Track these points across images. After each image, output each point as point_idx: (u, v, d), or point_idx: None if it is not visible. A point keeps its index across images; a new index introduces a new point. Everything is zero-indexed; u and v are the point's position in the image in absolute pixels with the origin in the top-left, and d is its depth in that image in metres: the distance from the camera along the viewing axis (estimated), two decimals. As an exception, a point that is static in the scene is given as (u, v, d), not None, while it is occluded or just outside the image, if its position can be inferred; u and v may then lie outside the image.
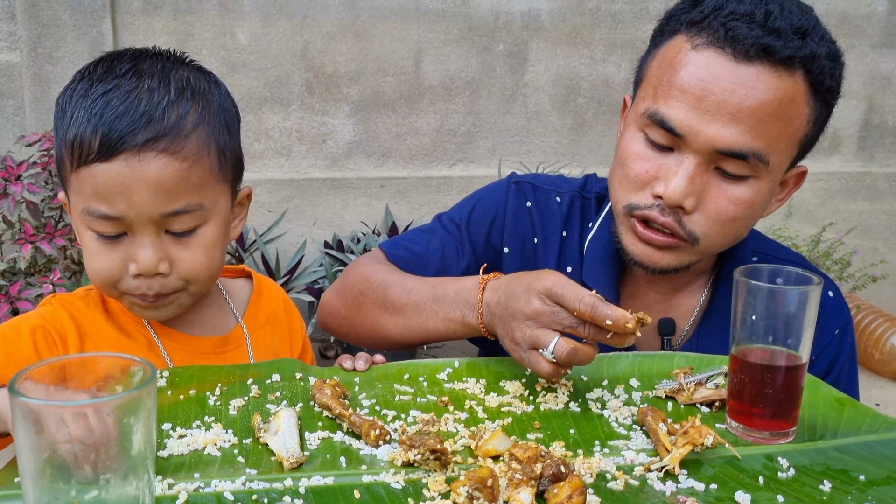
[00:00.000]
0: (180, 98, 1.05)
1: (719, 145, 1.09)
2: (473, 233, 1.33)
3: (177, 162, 1.02)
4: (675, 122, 1.10)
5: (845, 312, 1.32)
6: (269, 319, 1.27)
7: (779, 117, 1.09)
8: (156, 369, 0.66)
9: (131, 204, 1.01)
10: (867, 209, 3.91)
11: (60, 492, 0.64)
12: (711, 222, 1.13)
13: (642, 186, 1.15)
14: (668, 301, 1.29)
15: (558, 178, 1.39)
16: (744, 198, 1.12)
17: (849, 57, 4.08)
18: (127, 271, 1.05)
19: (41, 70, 3.19)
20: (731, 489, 0.85)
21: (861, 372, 3.58)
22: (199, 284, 1.11)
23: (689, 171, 1.10)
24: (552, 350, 0.98)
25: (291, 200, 3.46)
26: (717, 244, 1.17)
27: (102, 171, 1.00)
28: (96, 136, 1.00)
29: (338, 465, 0.87)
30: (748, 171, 1.11)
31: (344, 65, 3.40)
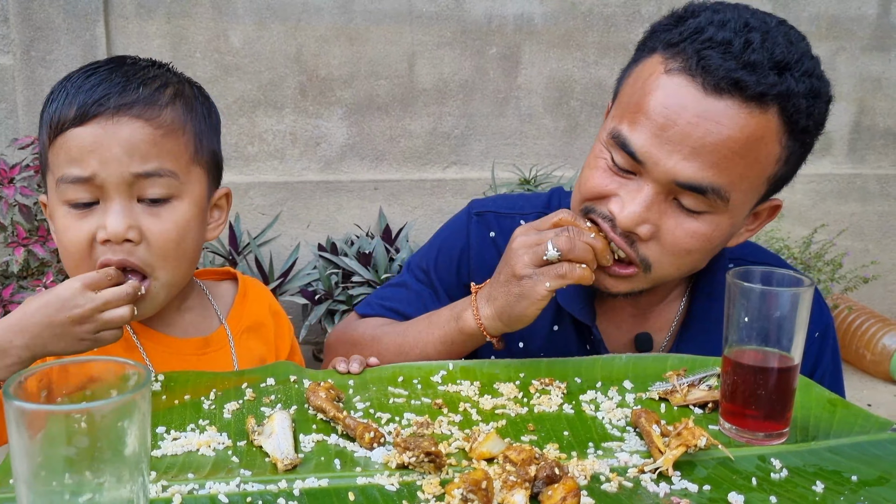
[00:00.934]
0: (159, 77, 1.10)
1: (678, 178, 1.05)
2: (443, 278, 1.33)
3: (150, 127, 1.06)
4: (636, 147, 1.07)
5: (825, 314, 1.31)
6: (254, 322, 1.26)
7: (744, 155, 1.04)
8: (151, 373, 0.66)
9: (103, 161, 1.03)
10: (858, 211, 3.93)
11: (55, 495, 0.64)
12: (666, 252, 1.10)
13: (601, 198, 1.12)
14: (645, 316, 1.28)
15: (520, 197, 1.36)
16: (700, 231, 1.09)
17: (839, 60, 4.08)
18: (97, 241, 1.05)
19: (34, 73, 3.18)
20: (725, 490, 0.85)
21: (852, 372, 3.60)
22: (169, 269, 1.09)
23: (646, 199, 1.07)
24: (551, 249, 1.05)
25: (285, 203, 3.46)
26: (671, 274, 1.14)
27: (76, 134, 1.03)
28: (73, 106, 1.04)
29: (332, 467, 0.87)
30: (706, 207, 1.07)
31: (337, 68, 3.41)
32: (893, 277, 4.02)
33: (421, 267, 1.36)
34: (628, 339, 1.29)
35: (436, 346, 1.19)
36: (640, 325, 1.28)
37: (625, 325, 1.29)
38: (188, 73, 1.15)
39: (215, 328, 1.22)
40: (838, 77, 3.76)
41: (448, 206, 3.49)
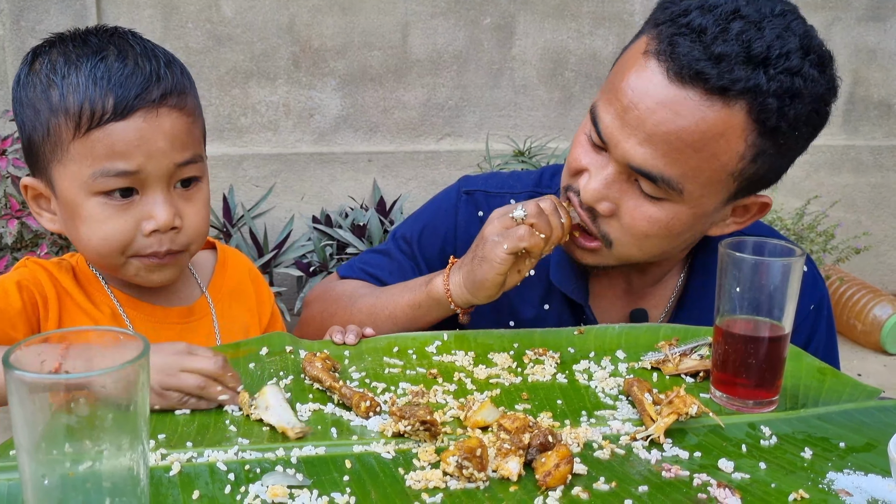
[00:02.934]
0: (172, 63, 1.09)
1: (631, 162, 1.06)
2: (426, 251, 1.33)
3: (184, 116, 1.08)
4: (602, 126, 1.09)
5: (820, 287, 1.31)
6: (234, 290, 1.28)
7: (699, 149, 1.03)
8: (149, 343, 0.67)
9: (150, 156, 1.04)
10: (851, 182, 3.94)
11: (56, 464, 0.65)
12: (625, 232, 1.11)
13: (577, 173, 1.15)
14: (640, 291, 1.29)
15: (511, 176, 1.36)
16: (657, 217, 1.09)
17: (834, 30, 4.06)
18: (140, 231, 1.06)
19: (24, 44, 3.15)
20: (715, 457, 0.87)
21: (843, 343, 3.63)
22: (198, 243, 1.13)
23: (607, 177, 1.09)
24: (521, 208, 1.06)
25: (279, 175, 3.45)
26: (634, 254, 1.15)
27: (120, 128, 1.02)
28: (109, 96, 1.02)
29: (329, 435, 0.89)
30: (661, 194, 1.07)
31: (330, 38, 3.38)
32: (885, 248, 4.04)
33: (405, 237, 1.36)
34: (623, 315, 1.29)
35: (404, 309, 1.19)
36: (636, 303, 1.29)
37: (619, 302, 1.29)
38: (180, 44, 1.15)
39: (197, 297, 1.23)
40: (833, 47, 3.72)
41: (442, 178, 3.49)
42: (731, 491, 0.79)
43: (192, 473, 0.80)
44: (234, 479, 0.79)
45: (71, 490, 0.65)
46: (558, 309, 1.27)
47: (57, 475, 0.65)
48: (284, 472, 0.80)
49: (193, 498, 0.76)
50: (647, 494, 0.79)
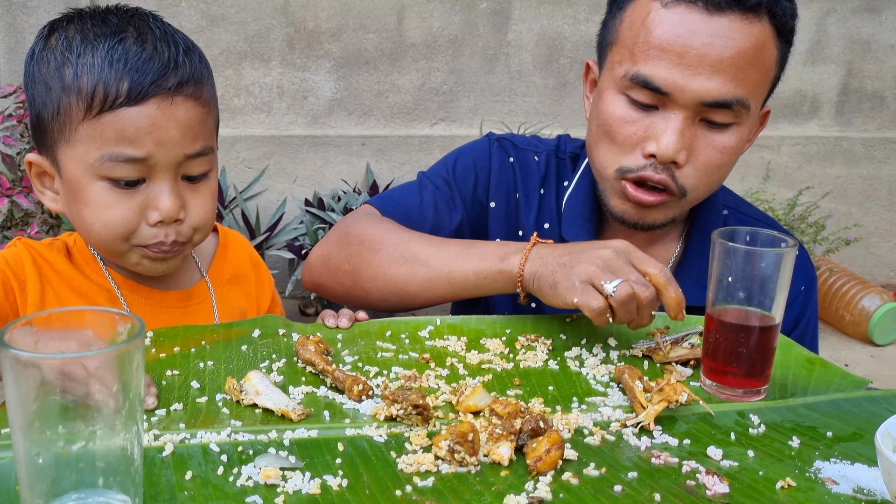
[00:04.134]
0: (191, 50, 1.08)
1: (705, 98, 1.11)
2: (461, 186, 1.33)
3: (199, 106, 1.06)
4: (659, 80, 1.12)
5: (809, 269, 1.36)
6: (235, 275, 1.27)
7: (755, 63, 1.13)
8: (143, 322, 0.67)
9: (161, 144, 1.02)
10: (843, 173, 3.96)
11: (49, 443, 0.65)
12: (700, 173, 1.17)
13: (632, 149, 1.17)
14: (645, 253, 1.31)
15: (534, 138, 1.41)
16: (729, 145, 1.16)
17: (829, 21, 4.06)
18: (145, 220, 1.05)
19: (15, 20, 3.12)
20: (704, 444, 0.87)
21: (831, 333, 3.66)
22: (202, 234, 1.12)
23: (678, 127, 1.13)
24: (615, 286, 1.00)
25: (272, 157, 3.44)
26: (703, 194, 1.22)
27: (132, 114, 1.00)
28: (124, 80, 1.00)
29: (322, 418, 0.89)
30: (732, 119, 1.15)
31: (325, 20, 3.36)
32: (875, 240, 4.07)
33: (439, 175, 1.34)
34: None
35: (468, 275, 1.15)
36: None
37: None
38: (173, 23, 1.13)
39: (196, 281, 1.22)
40: (828, 39, 3.76)
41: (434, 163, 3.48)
42: (720, 478, 0.80)
43: (185, 454, 0.81)
44: (226, 461, 0.80)
45: (64, 469, 0.65)
46: None
47: (51, 454, 0.65)
48: (277, 455, 0.81)
49: (186, 478, 0.77)
50: (636, 480, 0.80)
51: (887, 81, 3.90)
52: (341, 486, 0.77)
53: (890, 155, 3.97)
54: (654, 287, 1.02)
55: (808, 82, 3.81)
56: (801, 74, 3.78)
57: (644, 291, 1.00)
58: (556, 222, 1.32)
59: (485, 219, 1.34)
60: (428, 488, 0.77)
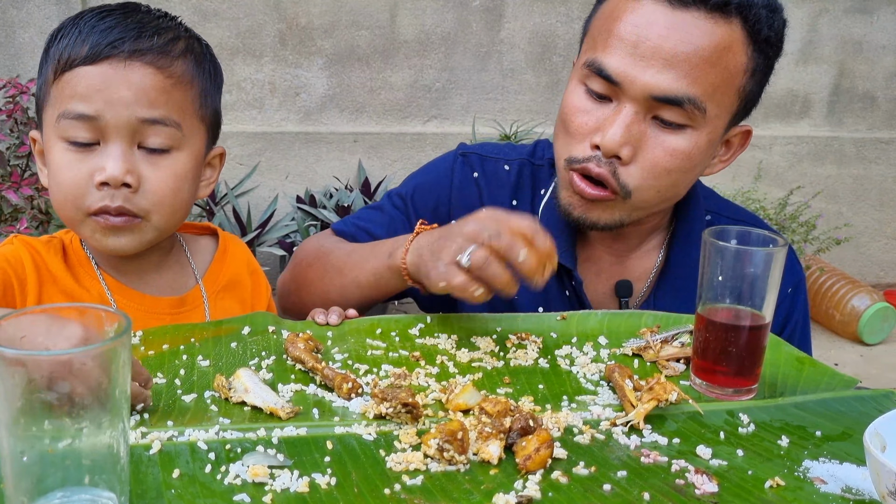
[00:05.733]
0: (173, 29, 1.10)
1: (654, 91, 1.09)
2: (419, 207, 1.33)
3: (161, 76, 1.06)
4: (611, 69, 1.11)
5: (797, 270, 1.34)
6: (231, 281, 1.25)
7: (714, 63, 1.09)
8: (130, 320, 0.66)
9: (109, 102, 1.03)
10: (834, 173, 3.97)
11: (35, 440, 0.64)
12: (646, 173, 1.13)
13: (582, 139, 1.16)
14: (624, 263, 1.30)
15: (507, 146, 1.39)
16: (680, 148, 1.12)
17: (821, 21, 4.06)
18: (93, 183, 1.04)
19: (5, 14, 3.10)
20: (694, 443, 0.87)
21: (821, 332, 3.67)
22: (162, 216, 1.09)
23: (626, 120, 1.11)
24: (468, 255, 0.98)
25: (263, 154, 3.43)
26: (651, 199, 1.17)
27: (85, 72, 1.03)
28: (85, 44, 1.03)
29: (310, 416, 0.89)
30: (685, 120, 1.11)
31: (318, 16, 3.35)
32: (865, 240, 4.08)
33: (400, 195, 1.36)
34: (608, 287, 1.30)
35: (367, 276, 1.18)
36: (620, 274, 1.30)
37: (604, 273, 1.31)
38: None
39: (191, 287, 1.21)
40: (819, 39, 3.77)
41: (428, 160, 3.48)
42: (709, 477, 0.80)
43: (172, 452, 0.80)
44: (214, 459, 0.79)
45: (50, 467, 0.65)
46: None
47: (36, 452, 0.64)
48: (265, 453, 0.80)
49: (174, 477, 0.76)
50: (625, 479, 0.80)
51: (878, 82, 3.91)
52: (330, 484, 0.76)
53: (881, 155, 3.99)
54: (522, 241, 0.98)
55: (800, 82, 3.82)
56: (792, 74, 3.79)
57: (498, 240, 0.98)
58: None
59: None
60: (417, 487, 0.77)
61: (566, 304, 1.28)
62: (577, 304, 1.28)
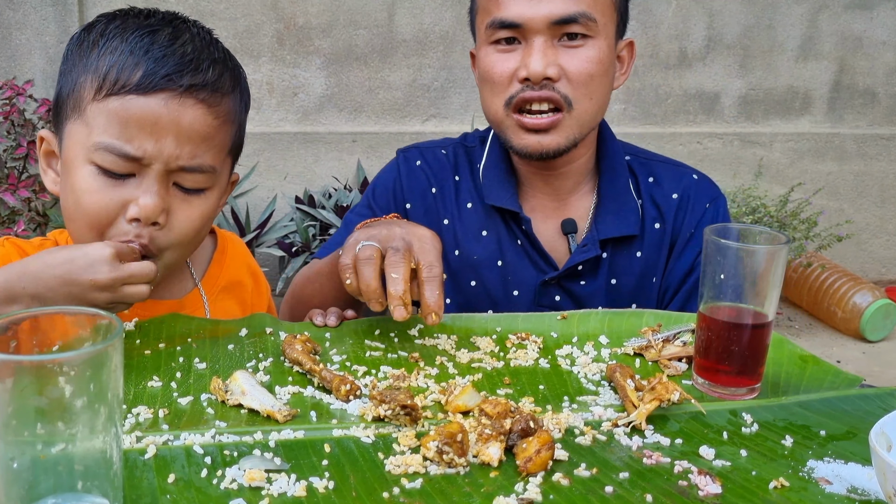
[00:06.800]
0: (224, 59, 1.06)
1: (552, 17, 1.25)
2: (381, 207, 1.43)
3: (210, 117, 1.03)
4: (511, 15, 1.26)
5: (713, 188, 1.44)
6: (231, 282, 1.24)
7: None
8: (122, 323, 0.65)
9: (157, 145, 0.99)
10: (835, 170, 3.96)
11: (26, 445, 0.63)
12: (576, 84, 1.27)
13: (508, 81, 1.28)
14: (565, 206, 1.40)
15: (440, 140, 1.52)
16: (591, 55, 1.28)
17: (821, 17, 4.06)
18: (123, 213, 1.01)
19: (2, 15, 3.09)
20: (696, 444, 0.86)
21: (823, 329, 3.66)
22: (175, 254, 1.07)
23: (540, 48, 1.26)
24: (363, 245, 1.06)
25: (262, 154, 3.42)
26: (588, 107, 1.30)
27: (138, 104, 0.98)
28: (139, 68, 0.99)
29: (308, 419, 0.87)
30: (585, 31, 1.27)
31: (316, 16, 3.34)
32: (866, 237, 4.07)
33: (362, 205, 1.48)
34: (555, 230, 1.39)
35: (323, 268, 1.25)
36: (564, 213, 1.40)
37: (549, 220, 1.39)
38: None
39: (189, 290, 1.20)
40: (820, 35, 3.76)
41: (427, 160, 3.47)
42: (712, 478, 0.79)
43: (167, 456, 0.79)
44: (210, 463, 0.78)
45: (42, 473, 0.64)
46: (496, 230, 1.39)
47: (27, 457, 0.63)
48: (262, 456, 0.79)
49: (169, 481, 0.75)
50: (627, 481, 0.79)
51: (879, 77, 3.90)
52: (327, 488, 0.75)
53: (881, 151, 3.98)
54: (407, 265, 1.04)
55: (800, 78, 3.81)
56: (793, 71, 3.77)
57: (393, 253, 1.05)
58: (478, 198, 1.41)
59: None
60: (416, 490, 0.76)
61: (520, 253, 1.38)
62: (529, 247, 1.37)
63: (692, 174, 1.43)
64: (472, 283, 1.39)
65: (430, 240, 1.08)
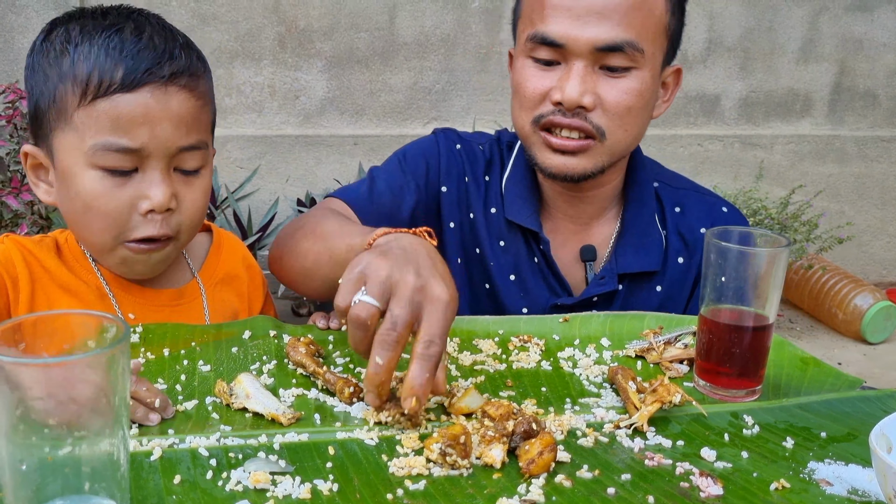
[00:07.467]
0: (187, 43, 1.09)
1: (597, 43, 1.19)
2: (413, 173, 1.38)
3: (193, 99, 1.06)
4: (554, 34, 1.20)
5: (743, 222, 1.42)
6: (227, 275, 1.26)
7: (639, 7, 1.20)
8: (129, 326, 0.66)
9: (154, 135, 1.02)
10: (836, 172, 3.97)
11: (34, 448, 0.64)
12: (611, 115, 1.22)
13: (541, 100, 1.24)
14: (587, 232, 1.37)
15: (476, 133, 1.48)
16: (632, 87, 1.22)
17: (821, 20, 4.06)
18: (136, 210, 1.04)
19: (4, 19, 3.10)
20: (698, 445, 0.87)
21: (824, 331, 3.66)
22: (189, 232, 1.12)
23: (579, 73, 1.20)
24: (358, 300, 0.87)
25: (264, 157, 3.42)
26: (622, 138, 1.25)
27: (126, 101, 1.01)
28: (119, 68, 1.01)
29: (312, 421, 0.88)
30: (628, 62, 1.21)
31: (317, 19, 3.35)
32: (867, 239, 4.07)
33: (391, 163, 1.40)
34: (573, 253, 1.37)
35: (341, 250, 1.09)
36: (585, 240, 1.37)
37: (569, 244, 1.37)
38: None
39: (188, 280, 1.22)
40: (820, 37, 3.76)
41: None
42: (714, 480, 0.79)
43: (173, 459, 0.80)
44: (215, 465, 0.79)
45: (49, 475, 0.64)
46: (514, 242, 1.36)
47: (35, 460, 0.64)
48: (267, 459, 0.80)
49: (175, 483, 0.76)
50: (629, 482, 0.79)
51: (879, 80, 3.90)
52: (332, 490, 0.76)
53: (882, 153, 3.98)
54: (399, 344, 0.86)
55: (801, 81, 3.81)
56: (793, 73, 3.78)
57: (386, 331, 0.85)
58: (501, 206, 1.37)
59: (437, 203, 1.39)
60: (419, 492, 0.76)
61: (535, 271, 1.35)
62: (546, 268, 1.34)
63: (721, 206, 1.39)
64: (485, 285, 1.37)
65: (445, 307, 0.87)
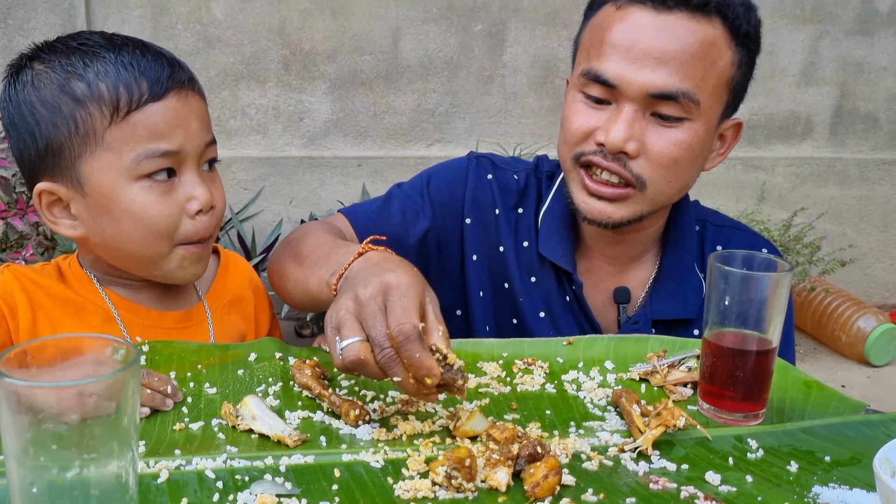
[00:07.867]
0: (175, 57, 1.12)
1: (650, 88, 1.15)
2: (433, 199, 1.35)
3: (201, 97, 1.12)
4: (608, 74, 1.17)
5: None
6: (235, 297, 1.27)
7: (701, 58, 1.16)
8: (140, 349, 0.66)
9: (188, 135, 1.07)
10: (837, 194, 3.98)
11: (44, 470, 0.64)
12: (655, 165, 1.19)
13: (585, 137, 1.21)
14: (623, 273, 1.35)
15: (512, 159, 1.45)
16: (682, 139, 1.18)
17: (822, 43, 4.08)
18: (185, 213, 1.08)
19: (11, 42, 3.13)
20: (702, 469, 0.87)
21: (828, 354, 3.65)
22: (218, 229, 1.15)
23: (627, 118, 1.17)
24: (343, 347, 0.87)
25: (268, 178, 3.44)
26: (665, 190, 1.22)
27: (157, 109, 1.04)
28: (142, 80, 1.04)
29: (318, 444, 0.88)
30: (682, 113, 1.17)
31: (321, 42, 3.38)
32: (870, 261, 4.08)
33: (413, 186, 1.37)
34: (607, 296, 1.34)
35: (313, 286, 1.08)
36: (619, 282, 1.34)
37: (603, 284, 1.34)
38: (169, 46, 1.17)
39: (195, 303, 1.22)
40: (821, 61, 3.79)
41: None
42: (718, 503, 0.79)
43: (180, 481, 0.80)
44: (222, 487, 0.79)
45: (59, 497, 0.65)
46: (546, 280, 1.33)
47: (45, 482, 0.64)
48: (273, 481, 0.80)
49: (181, 506, 0.76)
50: (634, 506, 0.79)
51: (880, 103, 3.92)
52: (338, 513, 0.76)
53: (884, 176, 3.99)
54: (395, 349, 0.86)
55: (802, 104, 3.84)
56: (794, 96, 3.80)
57: (379, 353, 0.86)
58: (534, 239, 1.34)
59: (458, 234, 1.36)
60: (425, 515, 0.76)
61: (567, 310, 1.32)
62: (577, 309, 1.32)
63: (762, 247, 1.37)
64: (513, 320, 1.35)
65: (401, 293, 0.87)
